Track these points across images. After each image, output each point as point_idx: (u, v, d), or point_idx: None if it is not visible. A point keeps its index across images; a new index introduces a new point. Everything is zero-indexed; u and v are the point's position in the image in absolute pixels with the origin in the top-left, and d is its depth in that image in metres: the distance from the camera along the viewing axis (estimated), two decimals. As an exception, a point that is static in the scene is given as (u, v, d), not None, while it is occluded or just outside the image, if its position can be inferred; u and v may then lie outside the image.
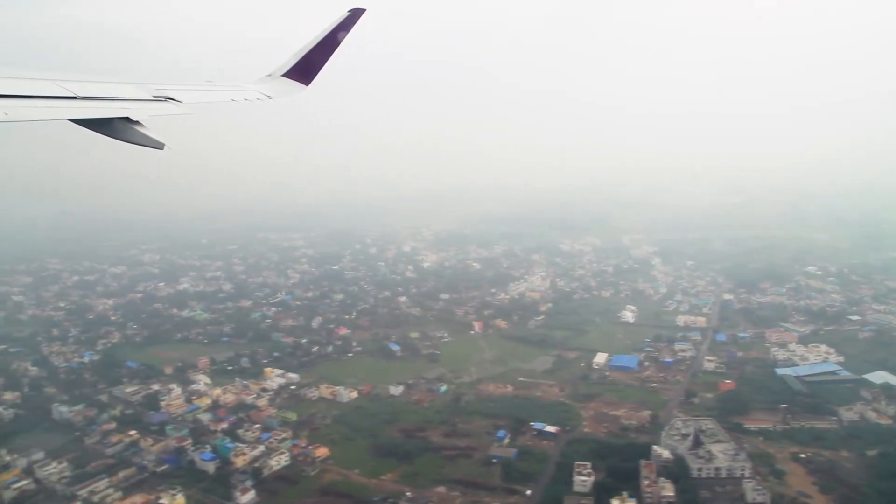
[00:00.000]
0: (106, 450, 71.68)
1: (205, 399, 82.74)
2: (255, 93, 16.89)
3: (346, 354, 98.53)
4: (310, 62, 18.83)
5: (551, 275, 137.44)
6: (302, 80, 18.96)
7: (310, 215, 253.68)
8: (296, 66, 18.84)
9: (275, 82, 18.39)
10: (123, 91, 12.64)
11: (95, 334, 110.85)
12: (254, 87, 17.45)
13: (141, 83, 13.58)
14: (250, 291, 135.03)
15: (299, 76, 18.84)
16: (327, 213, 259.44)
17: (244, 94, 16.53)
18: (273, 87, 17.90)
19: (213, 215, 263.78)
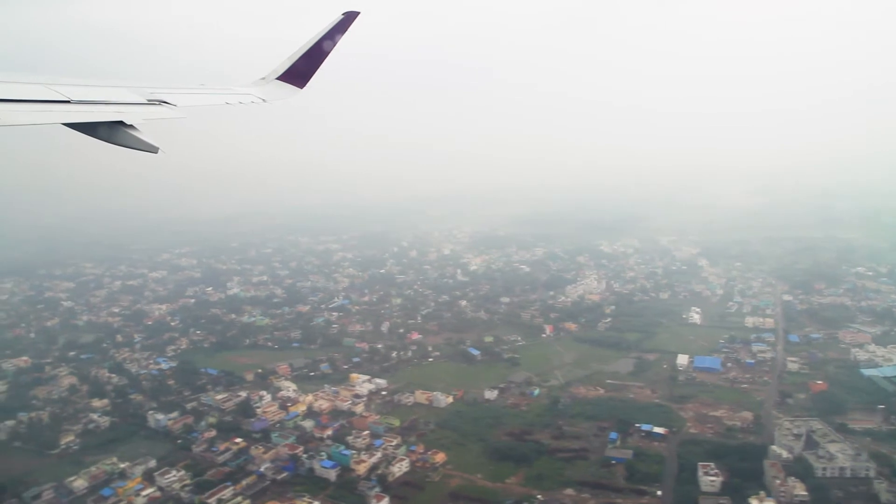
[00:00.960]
0: (217, 458, 72.08)
1: (299, 406, 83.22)
2: (250, 96, 17.16)
3: (425, 359, 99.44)
4: (304, 65, 19.08)
5: (602, 277, 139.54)
6: (297, 83, 19.21)
7: (331, 217, 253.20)
8: (290, 69, 19.07)
9: (269, 85, 18.68)
10: (117, 95, 12.69)
11: (160, 340, 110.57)
12: (248, 90, 17.72)
13: (135, 87, 13.70)
14: (303, 296, 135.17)
15: (294, 79, 19.10)
16: (348, 215, 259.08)
17: (238, 97, 16.77)
18: (268, 90, 18.19)
19: (229, 219, 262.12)
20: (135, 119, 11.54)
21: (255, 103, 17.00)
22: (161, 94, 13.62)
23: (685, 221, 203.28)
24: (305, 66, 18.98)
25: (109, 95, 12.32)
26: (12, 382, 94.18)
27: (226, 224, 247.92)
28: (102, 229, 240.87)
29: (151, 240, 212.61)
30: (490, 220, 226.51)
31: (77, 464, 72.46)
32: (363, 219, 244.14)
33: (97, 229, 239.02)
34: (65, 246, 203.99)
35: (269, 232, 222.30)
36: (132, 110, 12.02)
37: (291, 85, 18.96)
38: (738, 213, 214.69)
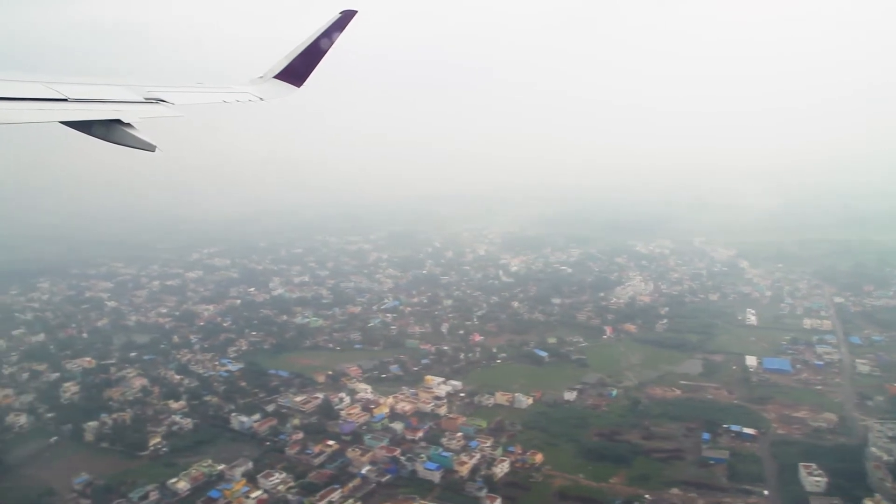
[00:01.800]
0: (312, 460, 72.77)
1: (382, 408, 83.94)
2: (247, 94, 17.24)
3: (493, 361, 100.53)
4: (301, 64, 19.19)
5: (647, 278, 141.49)
6: (294, 81, 19.30)
7: (348, 217, 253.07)
8: (287, 67, 19.18)
9: (266, 84, 18.78)
10: (114, 93, 12.77)
11: (217, 342, 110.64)
12: (245, 88, 17.82)
13: (131, 85, 13.78)
14: (350, 297, 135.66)
15: (291, 78, 19.18)
16: (360, 214, 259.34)
17: (236, 95, 16.84)
18: (264, 88, 18.30)
19: (244, 218, 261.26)
20: (132, 117, 11.68)
21: (253, 102, 17.21)
22: (158, 92, 13.80)
23: (710, 222, 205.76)
24: (303, 64, 19.20)
25: (107, 94, 12.49)
26: (82, 383, 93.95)
27: (242, 224, 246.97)
28: (119, 228, 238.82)
29: (173, 239, 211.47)
30: (515, 220, 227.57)
31: (170, 465, 72.94)
32: (379, 218, 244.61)
33: (114, 228, 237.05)
34: (87, 245, 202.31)
35: (291, 232, 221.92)
36: (129, 108, 12.20)
37: (289, 83, 19.18)
38: (760, 213, 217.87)
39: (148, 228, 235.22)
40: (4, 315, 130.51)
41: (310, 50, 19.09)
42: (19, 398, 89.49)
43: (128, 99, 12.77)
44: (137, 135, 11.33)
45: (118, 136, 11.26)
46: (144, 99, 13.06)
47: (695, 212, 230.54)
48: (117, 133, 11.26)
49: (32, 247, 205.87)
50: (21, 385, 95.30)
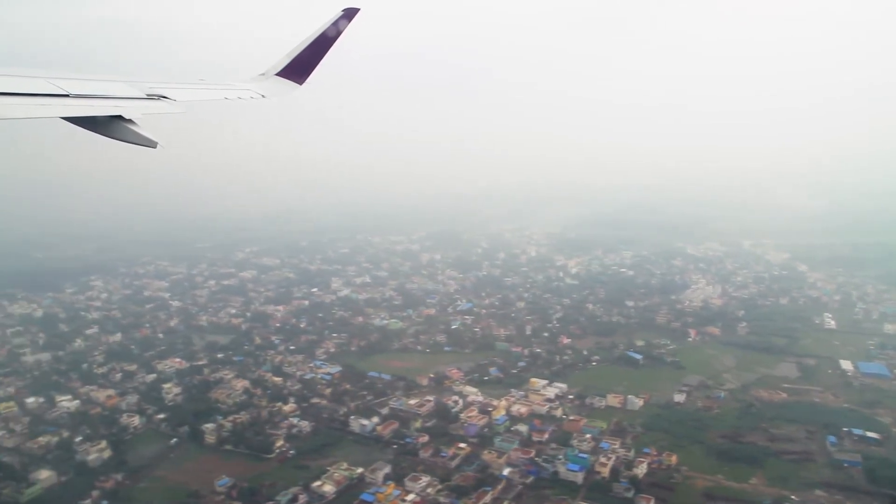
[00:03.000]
0: (448, 462, 74.09)
1: (499, 410, 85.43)
2: (249, 91, 17.43)
3: (589, 363, 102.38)
4: (303, 61, 19.42)
5: (710, 281, 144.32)
6: (296, 79, 19.57)
7: (379, 216, 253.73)
8: (289, 65, 19.43)
9: (268, 81, 19.04)
10: (116, 89, 12.89)
11: (299, 343, 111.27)
12: (247, 85, 18.03)
13: (133, 81, 13.93)
14: (419, 299, 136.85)
15: (293, 75, 19.43)
16: (397, 213, 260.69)
17: (237, 92, 17.01)
18: (266, 86, 18.53)
19: (275, 217, 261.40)
20: (133, 113, 11.82)
21: (255, 99, 17.38)
22: (160, 88, 13.97)
23: (754, 224, 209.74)
24: (305, 62, 19.45)
25: (108, 90, 12.64)
26: (181, 384, 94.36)
27: (273, 223, 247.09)
28: (149, 227, 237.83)
29: (210, 238, 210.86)
30: (553, 221, 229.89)
31: (301, 468, 73.98)
32: (410, 217, 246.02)
33: (144, 227, 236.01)
34: (123, 244, 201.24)
35: (328, 231, 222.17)
36: (131, 105, 12.36)
37: (291, 81, 19.45)
38: (802, 214, 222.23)
39: (180, 227, 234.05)
40: (71, 314, 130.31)
41: (312, 47, 19.42)
42: (125, 399, 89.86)
43: (129, 95, 12.95)
44: (139, 131, 11.47)
45: (120, 133, 11.40)
46: (146, 95, 13.31)
47: (735, 213, 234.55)
48: (119, 129, 11.40)
49: (66, 245, 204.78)
50: (117, 385, 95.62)
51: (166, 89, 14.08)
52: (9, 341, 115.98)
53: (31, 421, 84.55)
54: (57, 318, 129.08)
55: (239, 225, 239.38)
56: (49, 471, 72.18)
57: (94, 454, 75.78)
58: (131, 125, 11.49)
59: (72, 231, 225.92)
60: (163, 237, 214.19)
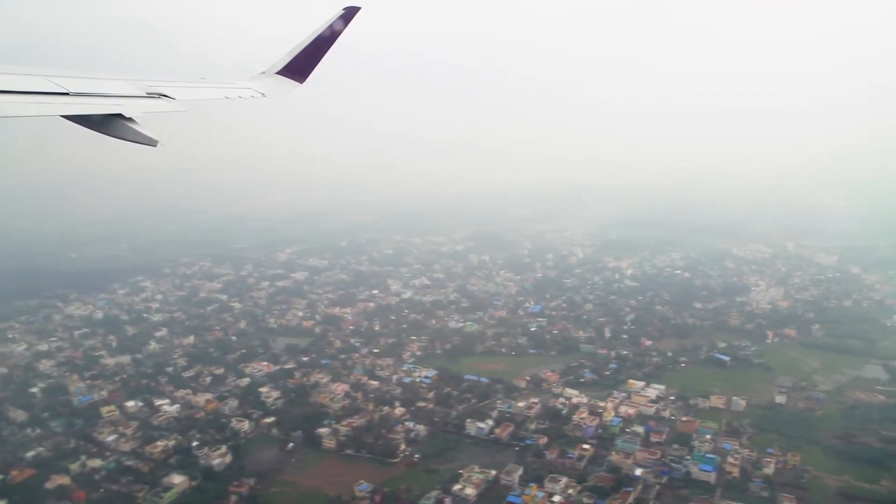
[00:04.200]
0: (577, 464, 76.00)
1: (608, 412, 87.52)
2: (249, 90, 17.73)
3: (678, 364, 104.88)
4: (304, 60, 19.74)
5: (769, 283, 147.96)
6: (296, 77, 19.91)
7: (411, 217, 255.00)
8: (290, 63, 19.76)
9: (269, 80, 19.34)
10: (116, 87, 13.07)
11: (380, 346, 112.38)
12: (248, 84, 18.30)
13: (134, 79, 14.09)
14: (484, 300, 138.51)
15: (294, 74, 19.78)
16: (428, 213, 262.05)
17: (238, 91, 17.30)
18: (267, 84, 18.86)
19: (299, 216, 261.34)
20: (133, 112, 12.01)
21: (255, 98, 17.64)
22: (160, 87, 14.18)
23: (792, 225, 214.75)
24: (305, 60, 19.78)
25: (108, 88, 12.83)
26: (277, 388, 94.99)
27: (302, 222, 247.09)
28: (178, 226, 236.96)
29: (245, 238, 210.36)
30: (589, 221, 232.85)
31: (431, 472, 75.42)
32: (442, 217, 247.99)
33: (174, 226, 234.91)
34: (158, 244, 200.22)
35: (363, 231, 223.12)
36: (131, 103, 12.55)
37: (291, 79, 19.80)
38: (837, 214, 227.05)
39: (208, 227, 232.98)
40: (133, 316, 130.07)
41: (313, 46, 19.74)
42: (226, 404, 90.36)
43: (129, 93, 13.13)
44: (139, 129, 11.65)
45: (120, 131, 11.57)
46: (146, 93, 13.50)
47: (769, 214, 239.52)
48: (119, 128, 11.58)
49: (97, 245, 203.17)
50: (210, 389, 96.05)
51: (166, 87, 14.33)
52: (79, 343, 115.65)
53: (139, 425, 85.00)
54: (119, 319, 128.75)
55: (265, 225, 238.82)
56: (180, 475, 72.94)
57: (216, 459, 76.55)
58: (131, 123, 11.70)
59: (97, 231, 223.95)
60: (193, 237, 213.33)
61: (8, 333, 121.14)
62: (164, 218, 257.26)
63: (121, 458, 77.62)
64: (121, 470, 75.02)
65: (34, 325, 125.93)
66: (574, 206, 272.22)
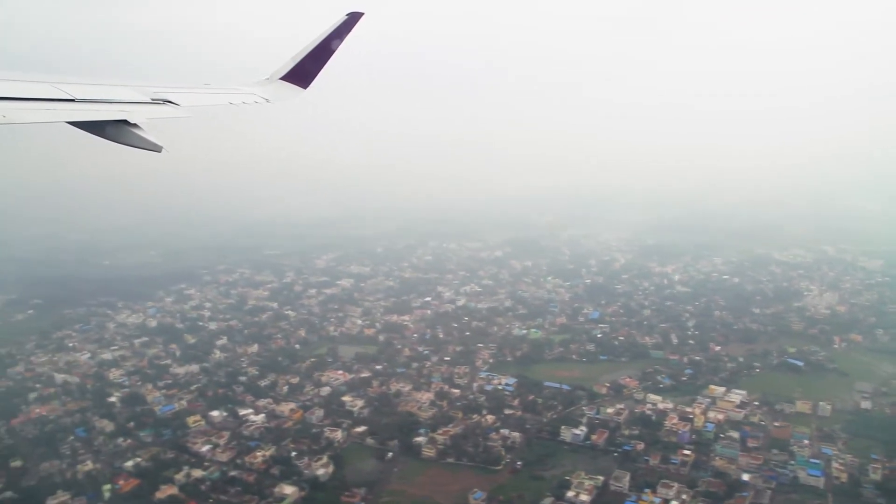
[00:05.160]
0: (680, 469, 77.65)
1: (699, 417, 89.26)
2: (253, 96, 18.14)
3: (752, 370, 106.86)
4: (308, 65, 20.12)
5: (821, 288, 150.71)
6: (300, 83, 20.29)
7: (435, 222, 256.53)
8: (293, 69, 20.11)
9: (272, 85, 19.69)
10: (121, 93, 13.32)
11: (447, 353, 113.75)
12: (252, 90, 18.70)
13: (138, 85, 14.37)
14: (541, 307, 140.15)
15: (297, 79, 20.16)
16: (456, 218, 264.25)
17: (242, 97, 17.71)
18: (271, 90, 19.25)
19: (330, 221, 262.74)
20: (138, 118, 12.26)
21: (259, 103, 18.08)
22: (165, 93, 14.44)
23: (826, 228, 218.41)
24: (309, 66, 20.14)
25: (113, 94, 13.07)
26: (360, 397, 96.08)
27: (331, 227, 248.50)
28: (198, 232, 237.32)
29: (278, 245, 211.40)
30: (620, 226, 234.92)
31: (537, 479, 76.95)
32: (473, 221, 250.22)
33: (201, 233, 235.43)
34: (191, 251, 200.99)
35: (392, 237, 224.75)
36: (136, 109, 12.81)
37: (295, 85, 20.18)
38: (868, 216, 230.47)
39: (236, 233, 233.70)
40: (188, 324, 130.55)
41: (316, 52, 20.12)
42: (313, 413, 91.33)
43: (134, 99, 13.44)
44: (144, 135, 11.92)
45: (125, 137, 11.83)
46: (151, 100, 13.80)
47: (801, 218, 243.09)
48: (124, 133, 11.84)
49: (127, 252, 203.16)
50: (289, 398, 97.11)
51: (171, 93, 14.59)
52: (141, 352, 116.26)
53: (231, 435, 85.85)
54: (174, 328, 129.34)
55: (292, 231, 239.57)
56: (290, 486, 73.86)
57: (320, 469, 77.57)
58: (136, 129, 11.98)
59: (121, 238, 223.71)
60: (222, 243, 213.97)
61: (66, 342, 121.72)
62: (185, 224, 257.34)
63: (221, 468, 78.62)
64: (226, 480, 75.96)
65: (90, 334, 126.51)
66: (600, 210, 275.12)
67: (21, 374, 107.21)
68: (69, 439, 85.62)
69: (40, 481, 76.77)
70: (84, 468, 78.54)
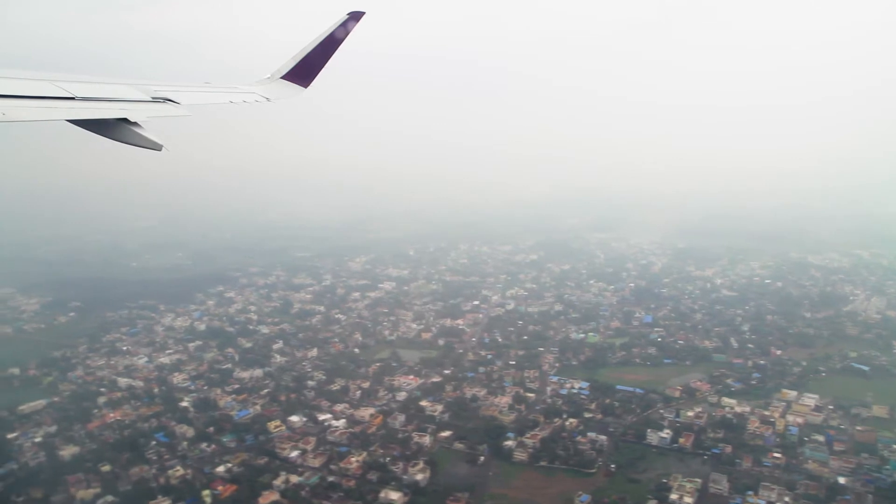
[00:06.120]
0: (774, 472, 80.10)
1: (779, 421, 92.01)
2: (254, 95, 18.49)
3: (818, 374, 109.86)
4: (309, 64, 20.60)
5: (867, 293, 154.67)
6: (301, 82, 20.77)
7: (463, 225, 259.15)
8: (295, 68, 20.59)
9: (273, 84, 20.12)
10: (121, 92, 13.50)
11: (509, 357, 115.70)
12: (252, 88, 19.08)
13: (139, 84, 14.58)
14: (592, 311, 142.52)
15: (298, 78, 20.64)
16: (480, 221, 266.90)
17: (242, 96, 18.00)
18: (272, 88, 19.64)
19: (349, 225, 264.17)
20: (139, 116, 12.49)
21: (260, 102, 18.44)
22: (165, 91, 14.68)
23: (853, 230, 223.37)
24: (310, 65, 20.66)
25: (114, 92, 13.29)
26: (437, 401, 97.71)
27: (353, 230, 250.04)
28: (221, 234, 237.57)
29: (307, 247, 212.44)
30: (649, 229, 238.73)
31: (633, 482, 79.02)
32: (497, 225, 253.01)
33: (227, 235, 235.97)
34: (220, 253, 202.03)
35: (421, 240, 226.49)
36: (136, 107, 13.05)
37: (296, 84, 20.68)
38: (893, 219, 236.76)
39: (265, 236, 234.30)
40: (239, 328, 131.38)
41: (317, 50, 20.63)
42: (395, 418, 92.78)
43: (134, 98, 13.66)
44: (144, 134, 12.15)
45: (125, 135, 12.06)
46: (151, 98, 14.03)
47: (826, 221, 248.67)
48: (124, 132, 12.06)
49: (153, 254, 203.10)
50: (363, 403, 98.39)
51: (171, 92, 14.85)
52: (197, 356, 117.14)
53: (317, 441, 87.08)
54: (224, 332, 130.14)
55: (315, 234, 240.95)
56: (394, 491, 75.34)
57: (418, 474, 79.07)
58: (137, 128, 12.23)
59: (143, 239, 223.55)
60: (247, 245, 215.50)
61: (118, 345, 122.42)
62: (202, 225, 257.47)
63: (316, 473, 79.85)
64: (326, 486, 77.28)
65: (139, 337, 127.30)
66: (623, 213, 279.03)
67: (82, 378, 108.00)
68: (152, 444, 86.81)
69: (135, 486, 78.03)
70: (175, 473, 79.74)
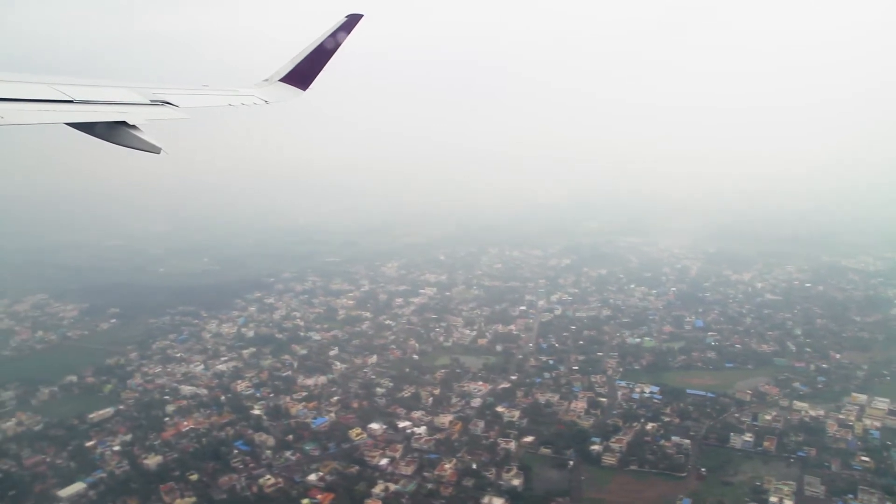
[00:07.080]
0: (866, 476, 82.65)
1: (857, 423, 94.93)
2: (252, 97, 18.87)
3: (883, 377, 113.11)
4: (307, 67, 20.95)
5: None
6: (299, 85, 21.11)
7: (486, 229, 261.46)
8: (293, 71, 20.95)
9: (272, 87, 20.49)
10: (120, 95, 13.75)
11: (570, 362, 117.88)
12: (251, 91, 19.49)
13: (137, 87, 14.78)
14: (640, 315, 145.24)
15: (296, 81, 20.99)
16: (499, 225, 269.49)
17: (241, 99, 18.36)
18: (270, 91, 20.03)
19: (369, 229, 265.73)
20: (137, 119, 12.69)
21: (258, 105, 18.78)
22: (164, 94, 14.94)
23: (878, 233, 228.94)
24: (308, 67, 21.03)
25: (112, 95, 13.54)
26: (512, 407, 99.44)
27: (373, 234, 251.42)
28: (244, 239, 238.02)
29: (340, 252, 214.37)
30: (675, 233, 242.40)
31: (727, 485, 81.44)
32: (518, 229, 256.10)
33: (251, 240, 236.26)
34: (248, 258, 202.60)
35: (449, 244, 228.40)
36: (134, 111, 13.22)
37: (294, 87, 21.05)
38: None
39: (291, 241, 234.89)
40: (289, 335, 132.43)
41: (316, 53, 21.02)
42: (476, 425, 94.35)
43: (133, 101, 13.88)
44: (143, 137, 12.37)
45: (124, 139, 12.27)
46: (150, 101, 14.28)
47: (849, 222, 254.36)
48: (123, 135, 12.28)
49: (177, 259, 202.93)
50: (439, 409, 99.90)
51: (170, 95, 15.13)
52: (253, 363, 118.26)
53: (404, 448, 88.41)
54: (275, 338, 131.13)
55: (339, 238, 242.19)
56: (497, 497, 76.90)
57: (513, 479, 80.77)
58: (135, 131, 12.46)
59: (164, 244, 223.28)
60: (275, 251, 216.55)
61: (169, 352, 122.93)
62: (220, 228, 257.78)
63: (412, 481, 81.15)
64: (425, 493, 78.63)
65: (189, 344, 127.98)
66: (645, 217, 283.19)
67: (142, 386, 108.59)
68: (234, 453, 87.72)
69: (229, 495, 78.90)
70: (267, 482, 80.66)
